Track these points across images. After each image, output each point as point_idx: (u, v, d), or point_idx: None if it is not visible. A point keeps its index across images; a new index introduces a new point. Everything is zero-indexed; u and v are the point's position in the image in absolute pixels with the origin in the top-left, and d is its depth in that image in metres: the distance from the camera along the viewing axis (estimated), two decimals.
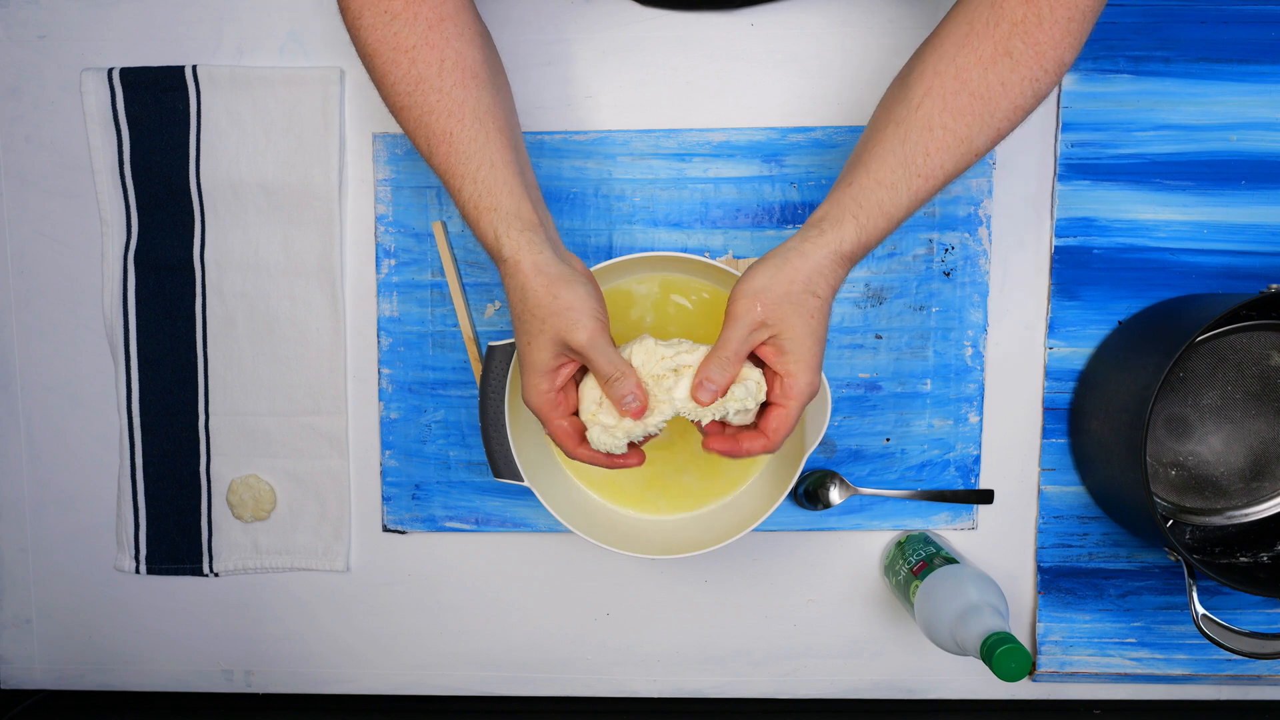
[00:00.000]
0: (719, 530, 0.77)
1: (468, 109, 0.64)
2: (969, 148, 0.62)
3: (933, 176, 0.62)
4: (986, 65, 0.61)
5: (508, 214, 0.63)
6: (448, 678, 0.88)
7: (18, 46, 0.82)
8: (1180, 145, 0.80)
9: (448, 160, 0.64)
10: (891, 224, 0.63)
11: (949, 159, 0.62)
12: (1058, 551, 0.84)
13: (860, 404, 0.83)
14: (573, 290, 0.62)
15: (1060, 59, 0.61)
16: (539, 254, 0.62)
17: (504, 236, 0.63)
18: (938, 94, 0.62)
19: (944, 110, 0.61)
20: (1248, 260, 0.81)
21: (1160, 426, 0.81)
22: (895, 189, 0.62)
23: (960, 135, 0.61)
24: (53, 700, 0.90)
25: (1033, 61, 0.61)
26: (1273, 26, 0.79)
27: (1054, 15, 0.60)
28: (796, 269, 0.61)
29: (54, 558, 0.88)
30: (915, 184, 0.62)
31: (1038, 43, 0.60)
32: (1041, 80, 0.61)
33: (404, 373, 0.84)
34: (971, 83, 0.61)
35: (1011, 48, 0.61)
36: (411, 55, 0.63)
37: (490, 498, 0.85)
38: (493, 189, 0.63)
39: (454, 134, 0.64)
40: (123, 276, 0.84)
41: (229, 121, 0.82)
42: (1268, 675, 0.85)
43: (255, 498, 0.85)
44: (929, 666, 0.86)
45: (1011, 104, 0.61)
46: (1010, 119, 0.62)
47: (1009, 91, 0.61)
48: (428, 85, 0.64)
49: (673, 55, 0.81)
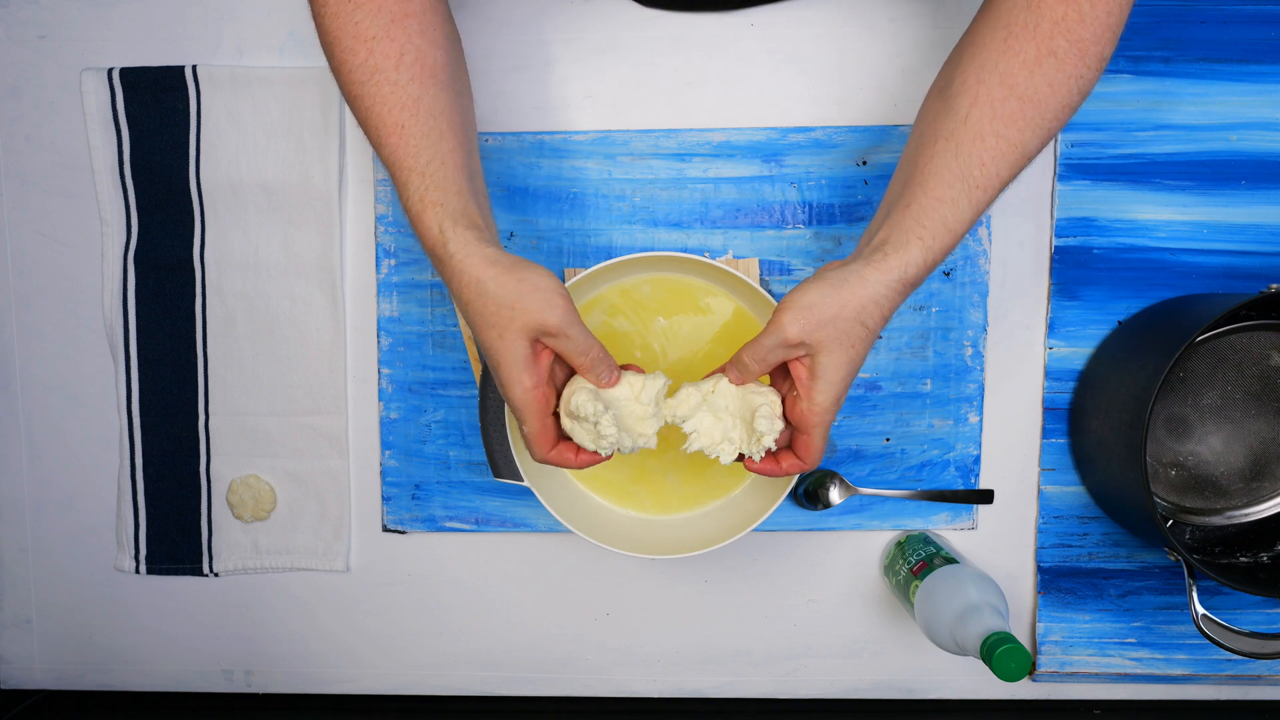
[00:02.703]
0: (719, 530, 0.77)
1: (422, 105, 0.62)
2: (1023, 152, 0.61)
3: (990, 186, 0.61)
4: (1032, 68, 0.60)
5: (454, 211, 0.61)
6: (448, 678, 0.88)
7: (18, 46, 0.82)
8: (1180, 145, 0.80)
9: (396, 152, 0.62)
10: (955, 240, 0.61)
11: (1005, 166, 0.61)
12: (1058, 551, 0.84)
13: (860, 404, 0.83)
14: (535, 272, 0.60)
15: (1102, 54, 0.60)
16: (487, 247, 0.60)
17: (449, 232, 0.60)
18: (985, 102, 0.60)
19: (994, 118, 0.60)
20: (1248, 260, 0.81)
21: (1160, 426, 0.81)
22: (956, 204, 0.60)
23: (1014, 141, 0.60)
24: (53, 700, 0.90)
25: (1077, 59, 0.60)
26: (1273, 26, 0.79)
27: (1094, 11, 0.59)
28: (852, 294, 0.60)
29: (54, 558, 0.88)
30: (975, 195, 0.60)
31: (1080, 39, 0.59)
32: (1086, 77, 0.60)
33: (404, 373, 0.84)
34: (1019, 87, 0.60)
35: (1055, 47, 0.59)
36: (370, 45, 0.62)
37: (490, 498, 0.85)
38: (441, 185, 0.61)
39: (405, 126, 0.62)
40: (123, 276, 0.84)
41: (229, 121, 0.82)
42: (1268, 675, 0.85)
43: (255, 498, 0.85)
44: (929, 666, 0.86)
45: (1060, 104, 0.60)
46: (1060, 119, 0.61)
47: (1057, 92, 0.60)
48: (382, 77, 0.62)
49: (673, 55, 0.81)
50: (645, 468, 0.81)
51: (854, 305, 0.60)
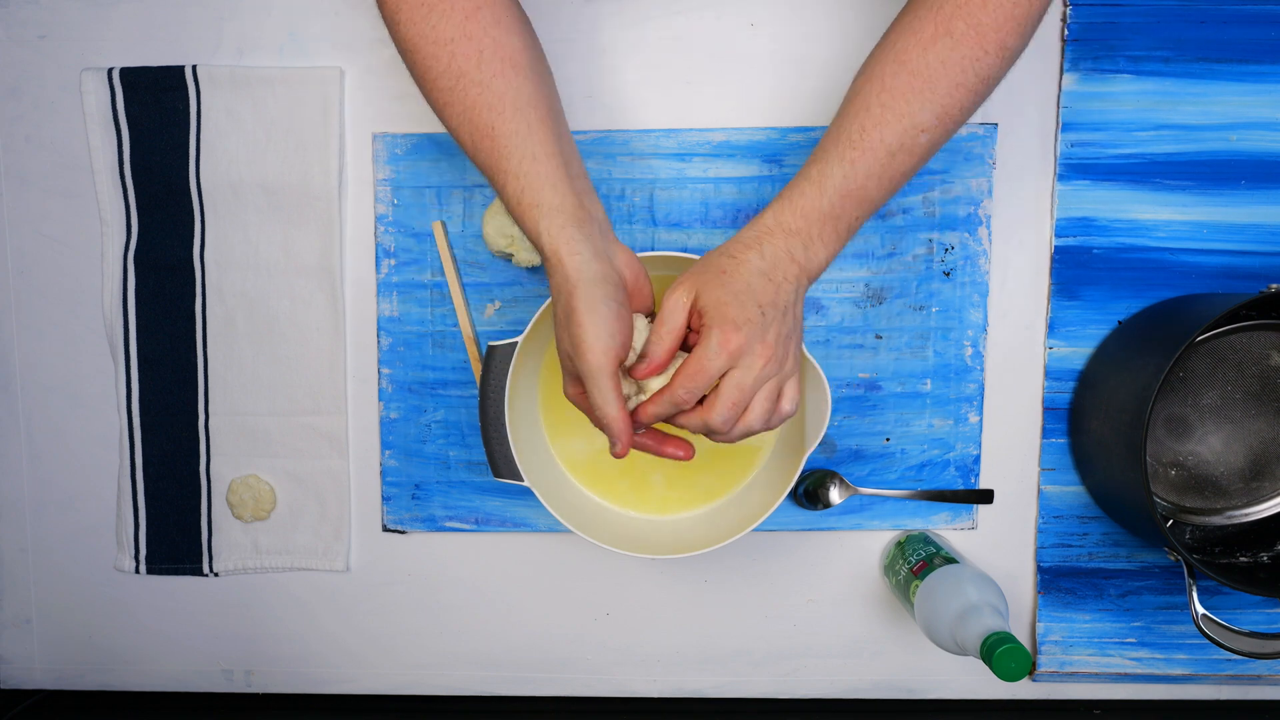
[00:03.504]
0: (718, 530, 0.77)
1: (508, 100, 0.64)
2: (911, 122, 0.63)
3: (870, 149, 0.63)
4: (926, 45, 0.62)
5: (550, 209, 0.63)
6: (448, 678, 0.88)
7: (18, 46, 0.82)
8: (1180, 145, 0.80)
9: (491, 156, 0.64)
10: (826, 191, 0.63)
11: (889, 132, 0.63)
12: (1058, 551, 0.84)
13: (860, 404, 0.83)
14: (594, 316, 0.61)
15: (1002, 42, 0.62)
16: (577, 255, 0.62)
17: (545, 235, 0.63)
18: (875, 77, 0.64)
19: (882, 90, 0.63)
20: (1248, 260, 0.81)
21: (1160, 426, 0.81)
22: (826, 160, 0.64)
23: (899, 111, 0.63)
24: (53, 700, 0.90)
25: (974, 42, 0.62)
26: (1273, 26, 0.79)
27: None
28: (723, 245, 0.64)
29: (54, 558, 0.88)
30: (850, 154, 0.63)
31: (979, 23, 0.62)
32: (983, 61, 0.62)
33: (404, 373, 0.84)
34: (911, 63, 0.63)
35: (953, 28, 0.62)
36: (450, 48, 0.63)
37: (490, 498, 0.85)
38: (535, 184, 0.63)
39: (495, 128, 0.63)
40: (123, 276, 0.84)
41: (229, 121, 0.82)
42: (1268, 675, 0.85)
43: (255, 498, 0.85)
44: (929, 666, 0.86)
45: (953, 81, 0.62)
46: (954, 97, 0.63)
47: (949, 69, 0.62)
48: (468, 79, 0.63)
49: (673, 55, 0.81)
50: (645, 467, 0.81)
51: (719, 249, 0.65)
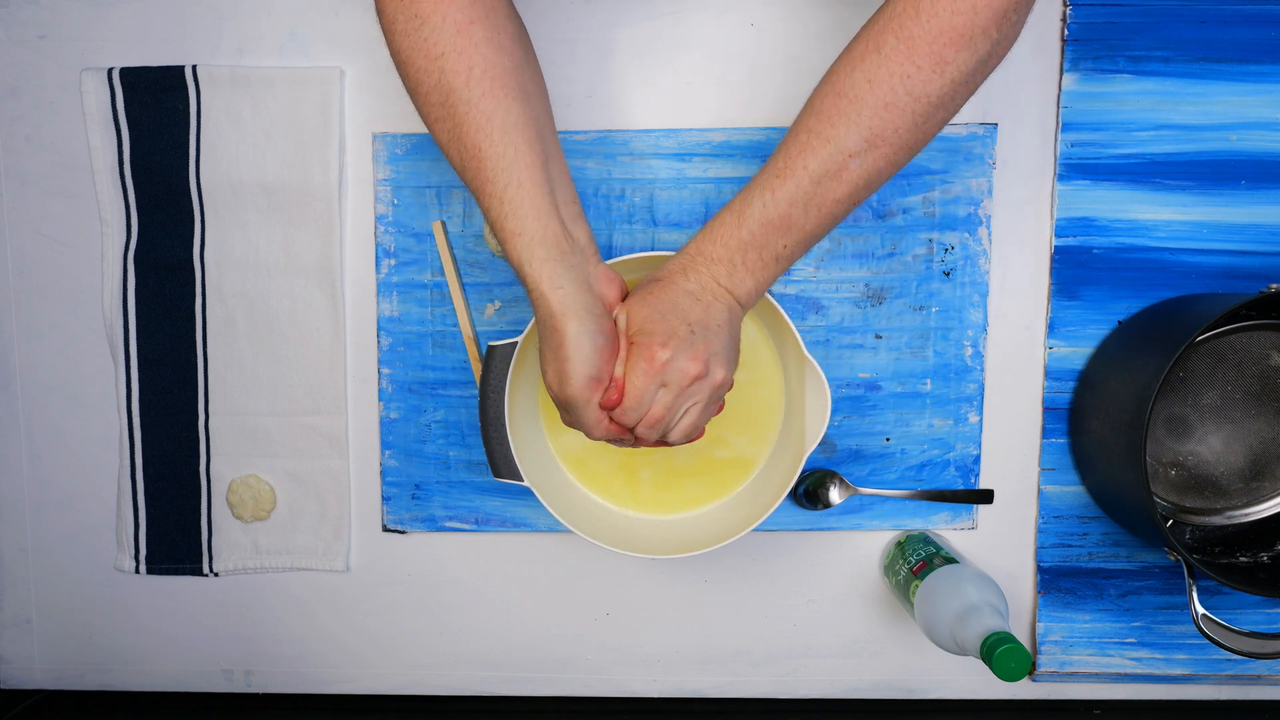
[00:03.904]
0: (719, 530, 0.77)
1: (495, 122, 0.63)
2: (836, 147, 0.60)
3: (792, 176, 0.62)
4: (855, 64, 0.60)
5: (532, 239, 0.63)
6: (448, 678, 0.88)
7: (18, 46, 0.82)
8: (1180, 145, 0.80)
9: (477, 178, 0.63)
10: (743, 219, 0.63)
11: (813, 159, 0.61)
12: (1058, 551, 0.84)
13: (860, 404, 0.83)
14: (576, 344, 0.62)
15: (938, 55, 0.58)
16: (560, 290, 0.62)
17: (527, 266, 0.63)
18: (810, 103, 0.63)
19: (810, 114, 0.62)
20: (1248, 260, 0.81)
21: (1160, 426, 0.81)
22: (749, 190, 0.64)
23: (825, 136, 0.61)
24: (53, 700, 0.90)
25: (904, 57, 0.58)
26: (1273, 26, 0.79)
27: (934, 7, 0.57)
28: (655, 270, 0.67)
29: (54, 558, 0.88)
30: (771, 183, 0.62)
31: (910, 37, 0.58)
32: (915, 77, 0.58)
33: (404, 373, 0.84)
34: (839, 84, 0.61)
35: (882, 43, 0.59)
36: (440, 64, 0.62)
37: (490, 498, 0.85)
38: (519, 210, 0.63)
39: (482, 149, 0.63)
40: (123, 276, 0.84)
41: (229, 121, 0.82)
42: (1268, 675, 0.85)
43: (255, 498, 0.85)
44: (929, 666, 0.86)
45: (880, 101, 0.59)
46: (882, 117, 0.59)
47: (876, 89, 0.59)
48: (456, 97, 0.62)
49: (673, 55, 0.81)
50: (643, 468, 0.81)
51: (645, 279, 0.67)
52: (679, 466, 0.81)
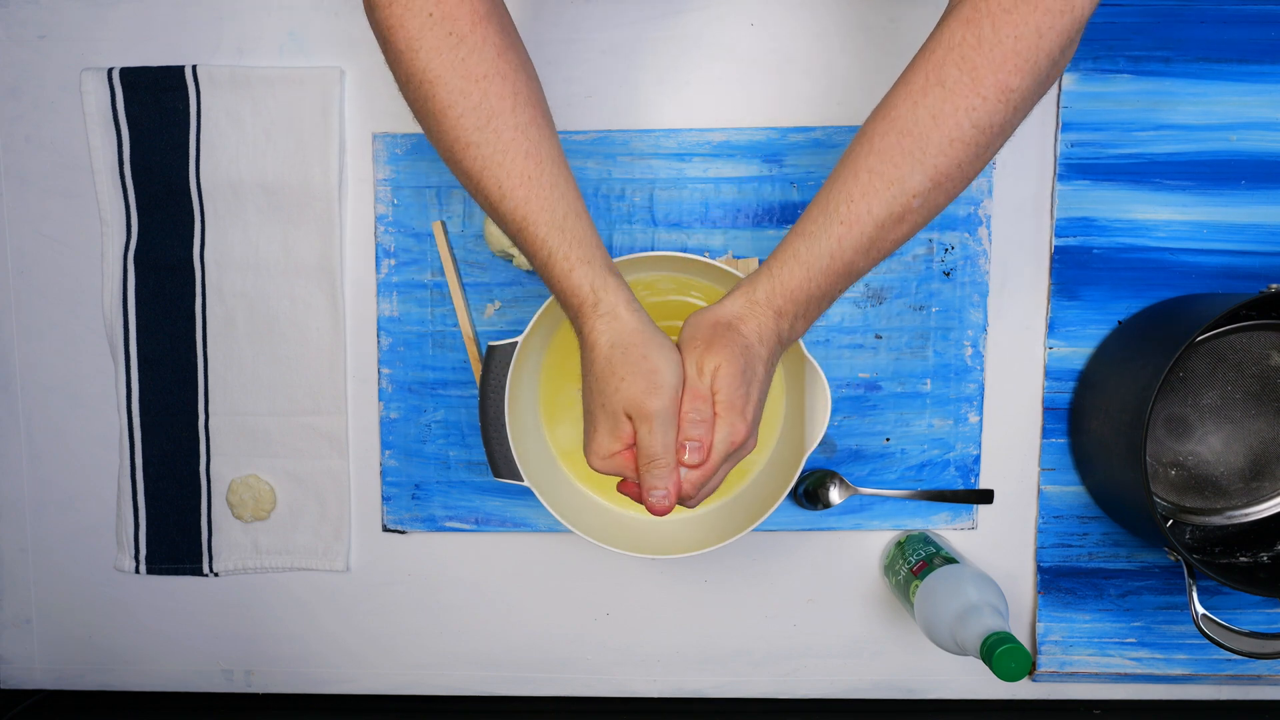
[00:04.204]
0: (719, 530, 0.77)
1: (544, 150, 0.60)
2: (900, 189, 0.57)
3: (857, 223, 0.58)
4: (916, 99, 0.56)
5: (600, 266, 0.60)
6: (448, 678, 0.88)
7: (18, 46, 0.82)
8: (1180, 145, 0.80)
9: (527, 205, 0.59)
10: (813, 273, 0.59)
11: (876, 203, 0.57)
12: (1058, 551, 0.84)
13: (860, 404, 0.83)
14: (663, 355, 0.59)
15: (1003, 84, 0.55)
16: (636, 311, 0.60)
17: (601, 291, 0.59)
18: (866, 138, 0.58)
19: (869, 153, 0.58)
20: (1248, 260, 0.81)
21: (1160, 426, 0.81)
22: (813, 238, 0.59)
23: (888, 177, 0.57)
24: (53, 700, 0.90)
25: (969, 89, 0.55)
26: (1273, 26, 0.79)
27: (997, 35, 0.54)
28: (720, 308, 0.60)
29: (54, 558, 0.88)
30: (836, 231, 0.58)
31: (975, 67, 0.55)
32: (980, 110, 0.55)
33: (404, 373, 0.84)
34: (900, 120, 0.57)
35: (945, 76, 0.55)
36: (484, 86, 0.58)
37: (490, 498, 0.85)
38: (581, 240, 0.60)
39: (533, 177, 0.59)
40: (123, 276, 0.84)
41: (229, 121, 0.82)
42: (1268, 675, 0.85)
43: (255, 498, 0.85)
44: (929, 666, 0.86)
45: (946, 138, 0.56)
46: (947, 154, 0.56)
47: (941, 124, 0.56)
48: (501, 121, 0.59)
49: (673, 55, 0.81)
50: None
51: (725, 315, 0.60)
52: None
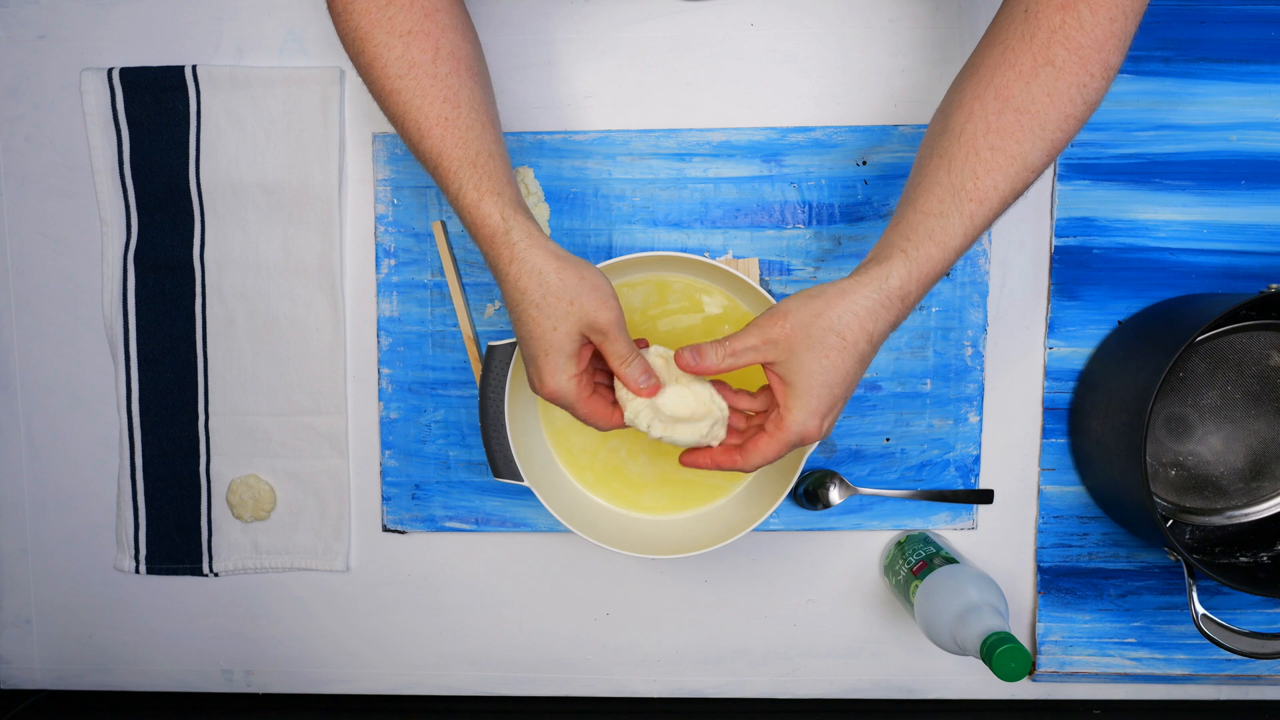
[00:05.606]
0: (719, 530, 0.77)
1: (463, 98, 0.63)
2: (1023, 164, 0.60)
3: (986, 199, 0.59)
4: (1028, 79, 0.59)
5: (512, 200, 0.63)
6: (448, 678, 0.88)
7: (18, 46, 0.82)
8: (1180, 145, 0.80)
9: (443, 143, 0.63)
10: (946, 253, 0.60)
11: (1002, 179, 0.59)
12: (1058, 551, 0.84)
13: (860, 404, 0.83)
14: (594, 272, 0.63)
15: (1106, 61, 0.59)
16: (548, 241, 0.63)
17: (511, 220, 0.62)
18: (979, 117, 0.60)
19: (988, 132, 0.60)
20: (1248, 260, 0.81)
21: (1160, 426, 0.81)
22: (945, 216, 0.60)
23: (1011, 154, 0.59)
24: (53, 700, 0.90)
25: (1077, 67, 0.59)
26: (1273, 26, 0.79)
27: (1095, 17, 0.58)
28: (828, 303, 0.60)
29: (54, 558, 0.88)
30: (967, 208, 0.59)
31: (1080, 47, 0.58)
32: (1090, 85, 0.59)
33: (404, 373, 0.84)
34: (1015, 99, 0.59)
35: (1053, 56, 0.59)
36: (406, 40, 0.63)
37: (490, 498, 0.85)
38: (494, 175, 0.63)
39: (449, 119, 0.63)
40: (123, 276, 0.84)
41: (229, 121, 0.82)
42: (1268, 675, 0.85)
43: (255, 498, 0.85)
44: (929, 666, 0.86)
45: (1061, 114, 0.59)
46: (1063, 129, 0.60)
47: (1057, 101, 0.59)
48: (421, 70, 0.63)
49: (673, 55, 0.81)
50: (644, 468, 0.81)
51: (830, 314, 0.59)
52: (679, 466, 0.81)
